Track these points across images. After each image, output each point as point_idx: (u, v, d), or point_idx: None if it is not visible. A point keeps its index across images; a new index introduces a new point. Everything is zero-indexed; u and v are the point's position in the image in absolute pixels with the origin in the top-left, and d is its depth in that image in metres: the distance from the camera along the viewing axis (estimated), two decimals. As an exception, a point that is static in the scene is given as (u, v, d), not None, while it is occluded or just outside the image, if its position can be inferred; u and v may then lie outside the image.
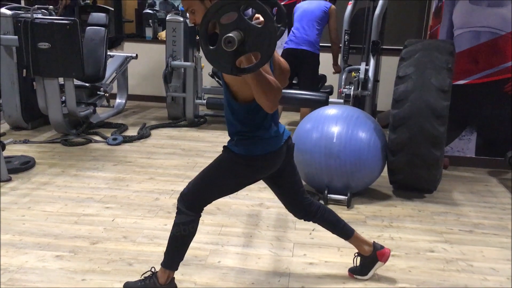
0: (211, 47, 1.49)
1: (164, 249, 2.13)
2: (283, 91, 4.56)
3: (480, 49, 4.12)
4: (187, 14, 1.96)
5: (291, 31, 4.82)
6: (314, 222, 2.30)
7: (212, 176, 2.04)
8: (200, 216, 2.08)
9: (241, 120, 1.93)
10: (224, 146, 2.03)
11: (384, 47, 5.01)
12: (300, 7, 4.86)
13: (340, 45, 4.85)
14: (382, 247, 2.35)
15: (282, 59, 2.08)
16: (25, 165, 3.84)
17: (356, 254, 2.40)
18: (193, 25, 1.93)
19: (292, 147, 2.14)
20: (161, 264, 2.14)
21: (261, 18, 1.89)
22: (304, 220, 2.30)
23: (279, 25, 2.02)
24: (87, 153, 4.37)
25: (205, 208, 2.09)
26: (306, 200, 2.24)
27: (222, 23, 1.47)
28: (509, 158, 3.91)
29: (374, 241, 2.38)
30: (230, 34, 1.41)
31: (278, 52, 2.45)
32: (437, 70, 3.39)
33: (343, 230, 2.32)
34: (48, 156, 4.22)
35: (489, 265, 2.66)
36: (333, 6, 4.77)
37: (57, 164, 4.01)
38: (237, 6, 1.46)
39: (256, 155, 1.96)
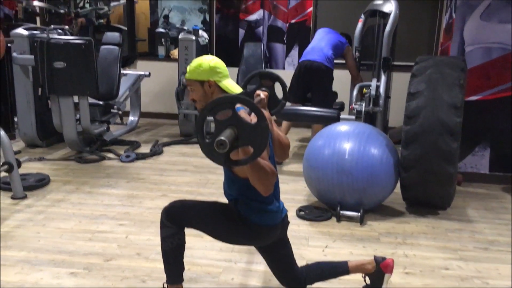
0: (206, 141, 1.56)
1: (177, 266, 2.13)
2: (295, 107, 4.63)
3: (492, 65, 4.11)
4: (199, 32, 2.05)
5: (307, 47, 4.96)
6: (309, 284, 2.27)
7: (205, 213, 2.07)
8: (183, 229, 2.08)
9: (242, 193, 1.97)
10: (234, 201, 2.04)
11: (395, 63, 5.02)
12: (320, 31, 5.12)
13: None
14: (383, 258, 2.33)
15: (281, 134, 2.13)
16: (40, 182, 3.90)
17: (363, 276, 2.38)
18: (191, 100, 2.07)
19: (287, 224, 2.16)
20: (166, 282, 2.15)
21: (262, 95, 2.03)
22: None
23: (280, 99, 2.14)
24: (101, 170, 4.42)
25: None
26: (294, 272, 2.23)
27: (217, 119, 1.57)
28: (524, 174, 3.88)
29: (374, 256, 2.36)
30: (222, 138, 1.48)
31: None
32: (449, 86, 3.39)
33: (339, 271, 2.30)
34: (62, 174, 4.27)
35: (505, 282, 2.62)
36: (348, 46, 4.99)
37: (71, 181, 4.06)
38: (232, 105, 1.56)
39: (253, 223, 1.99)
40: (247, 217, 1.98)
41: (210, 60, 2.01)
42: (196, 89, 2.02)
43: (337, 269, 2.31)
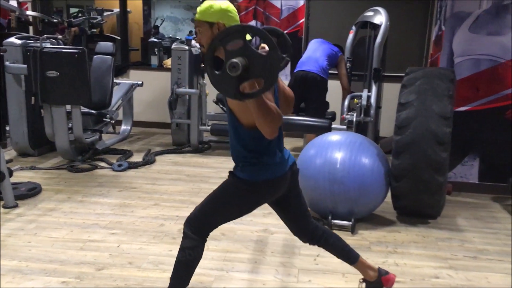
0: (216, 72, 1.54)
1: (169, 274, 2.13)
2: (287, 117, 4.68)
3: (481, 77, 4.18)
4: (192, 42, 2.04)
5: (302, 57, 5.01)
6: (319, 246, 2.30)
7: (218, 202, 2.08)
8: (205, 241, 2.10)
9: (246, 145, 1.97)
10: (229, 172, 2.06)
11: (385, 74, 5.09)
12: (314, 42, 5.18)
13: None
14: (387, 272, 2.36)
15: (287, 88, 2.13)
16: (32, 191, 3.88)
17: (361, 280, 2.40)
18: (198, 43, 2.02)
19: (297, 172, 2.17)
20: None
21: (266, 48, 1.97)
22: (310, 244, 2.31)
23: (284, 55, 2.10)
24: (93, 179, 4.41)
25: (210, 233, 2.11)
26: (311, 224, 2.26)
27: (228, 49, 1.53)
28: (512, 184, 3.94)
29: (379, 267, 2.39)
30: (234, 60, 1.46)
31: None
32: (438, 97, 3.44)
33: (348, 255, 2.33)
34: (54, 183, 4.26)
35: (494, 291, 2.65)
36: (342, 55, 5.06)
37: (63, 190, 4.05)
38: (242, 34, 1.53)
39: (261, 181, 1.99)
40: (254, 178, 1.97)
41: (222, 3, 1.96)
42: (204, 31, 1.95)
43: (348, 253, 2.33)
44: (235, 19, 1.98)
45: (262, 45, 2.05)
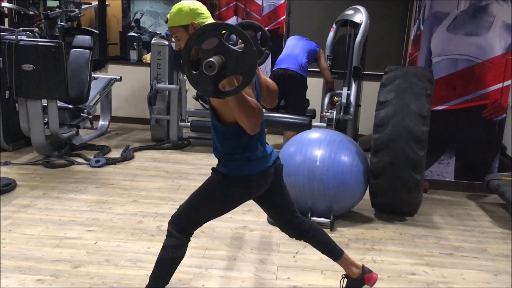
0: (194, 72, 1.53)
1: (147, 272, 2.12)
2: (268, 114, 4.67)
3: (458, 76, 4.25)
4: (173, 38, 2.02)
5: (281, 55, 5.00)
6: (305, 241, 2.31)
7: (202, 199, 2.06)
8: (189, 240, 2.08)
9: (227, 142, 1.96)
10: (212, 168, 2.05)
11: (365, 72, 5.13)
12: (292, 38, 5.18)
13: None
14: (370, 271, 2.38)
15: (269, 80, 2.13)
16: (6, 187, 3.79)
17: (343, 276, 2.41)
18: (178, 50, 1.98)
19: (281, 167, 2.16)
20: (146, 287, 2.12)
21: None
22: (296, 239, 2.32)
23: (263, 49, 2.09)
24: (69, 175, 4.34)
25: (194, 232, 2.09)
26: (297, 219, 2.27)
27: (203, 48, 1.52)
28: (487, 182, 4.01)
29: (363, 265, 2.40)
30: (210, 59, 1.45)
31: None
32: (416, 96, 3.49)
33: (333, 251, 2.34)
34: (29, 178, 4.17)
35: (469, 287, 2.70)
36: (321, 49, 5.06)
37: (38, 186, 3.97)
38: (217, 32, 1.52)
39: (244, 176, 1.98)
40: (237, 173, 1.96)
41: (189, 3, 1.93)
42: (181, 36, 1.93)
43: (333, 249, 2.34)
44: (207, 15, 1.96)
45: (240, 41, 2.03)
